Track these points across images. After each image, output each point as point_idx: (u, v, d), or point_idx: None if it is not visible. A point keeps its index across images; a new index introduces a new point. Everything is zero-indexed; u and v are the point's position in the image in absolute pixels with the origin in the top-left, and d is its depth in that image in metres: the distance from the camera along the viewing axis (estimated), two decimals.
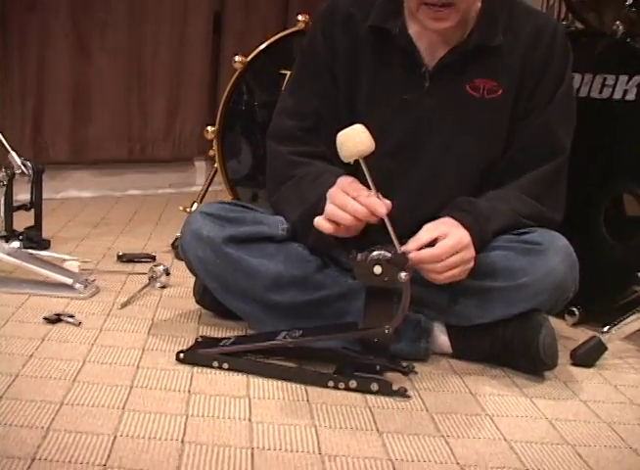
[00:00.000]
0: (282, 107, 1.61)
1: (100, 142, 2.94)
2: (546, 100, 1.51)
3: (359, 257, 1.32)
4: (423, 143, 1.52)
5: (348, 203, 1.33)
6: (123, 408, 1.18)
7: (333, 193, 1.37)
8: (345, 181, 1.40)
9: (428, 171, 1.53)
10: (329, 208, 1.36)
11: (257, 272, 1.45)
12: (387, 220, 1.30)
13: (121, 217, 2.64)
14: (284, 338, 1.37)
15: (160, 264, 1.87)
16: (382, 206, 1.31)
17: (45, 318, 1.53)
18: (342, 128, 1.29)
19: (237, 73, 2.36)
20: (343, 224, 1.35)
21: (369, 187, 1.32)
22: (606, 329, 1.58)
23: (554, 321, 1.53)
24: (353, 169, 1.40)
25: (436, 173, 1.53)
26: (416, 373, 1.42)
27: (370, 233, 1.56)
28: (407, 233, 1.56)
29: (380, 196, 1.33)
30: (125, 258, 2.04)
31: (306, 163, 1.52)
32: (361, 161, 1.28)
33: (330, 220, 1.36)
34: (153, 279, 1.84)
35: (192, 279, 1.65)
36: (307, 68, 1.58)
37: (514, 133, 1.52)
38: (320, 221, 1.36)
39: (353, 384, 1.32)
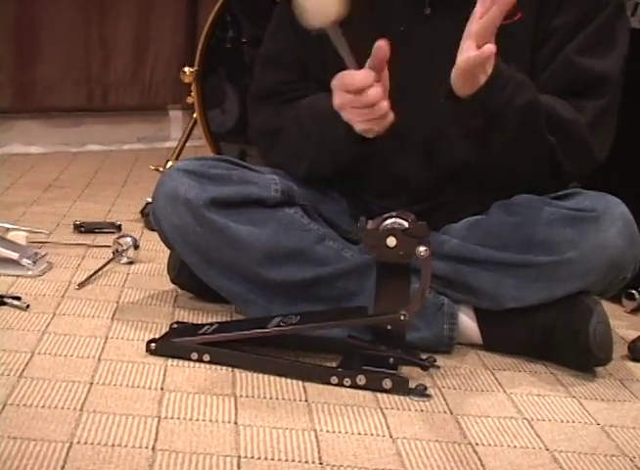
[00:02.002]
0: (263, 54, 1.66)
1: (51, 86, 2.93)
2: (574, 21, 1.49)
3: (369, 225, 1.32)
4: (428, 82, 1.52)
5: (346, 79, 1.34)
6: (81, 410, 1.18)
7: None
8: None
9: (437, 115, 1.53)
10: (337, 99, 1.36)
11: (246, 243, 1.46)
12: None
13: (79, 178, 2.64)
14: (278, 324, 1.38)
15: (126, 235, 1.88)
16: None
17: None
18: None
19: (220, 2, 2.35)
20: (361, 107, 1.35)
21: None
22: None
23: (608, 306, 1.53)
24: None
25: (441, 124, 1.53)
26: (438, 367, 1.42)
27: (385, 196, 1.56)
28: (424, 186, 1.56)
29: None
30: (84, 228, 2.04)
31: (294, 105, 1.56)
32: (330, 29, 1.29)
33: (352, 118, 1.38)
34: (118, 253, 1.84)
35: (166, 253, 1.65)
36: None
37: (537, 65, 1.50)
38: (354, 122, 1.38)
39: (361, 380, 1.32)
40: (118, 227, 2.07)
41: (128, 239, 1.86)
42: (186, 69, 2.37)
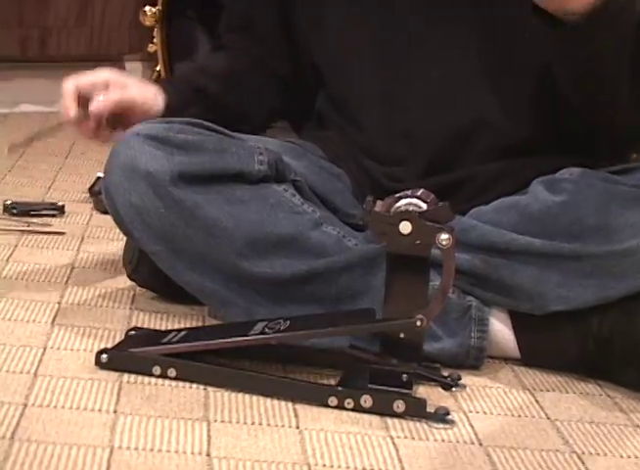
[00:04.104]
0: None
1: None
2: None
3: (378, 206, 1.33)
4: (422, 34, 1.56)
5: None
6: (12, 438, 1.17)
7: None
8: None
9: (441, 66, 1.58)
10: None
11: (222, 228, 1.46)
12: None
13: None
14: (263, 331, 1.38)
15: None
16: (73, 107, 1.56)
17: None
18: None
19: None
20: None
21: None
22: None
23: None
24: None
25: (454, 65, 1.57)
26: (463, 387, 1.42)
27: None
28: (432, 151, 1.59)
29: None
30: (17, 210, 2.04)
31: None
32: None
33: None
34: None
35: (122, 241, 1.65)
36: None
37: None
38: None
39: (367, 402, 1.32)
40: (61, 209, 2.07)
41: None
42: (147, 8, 2.36)
